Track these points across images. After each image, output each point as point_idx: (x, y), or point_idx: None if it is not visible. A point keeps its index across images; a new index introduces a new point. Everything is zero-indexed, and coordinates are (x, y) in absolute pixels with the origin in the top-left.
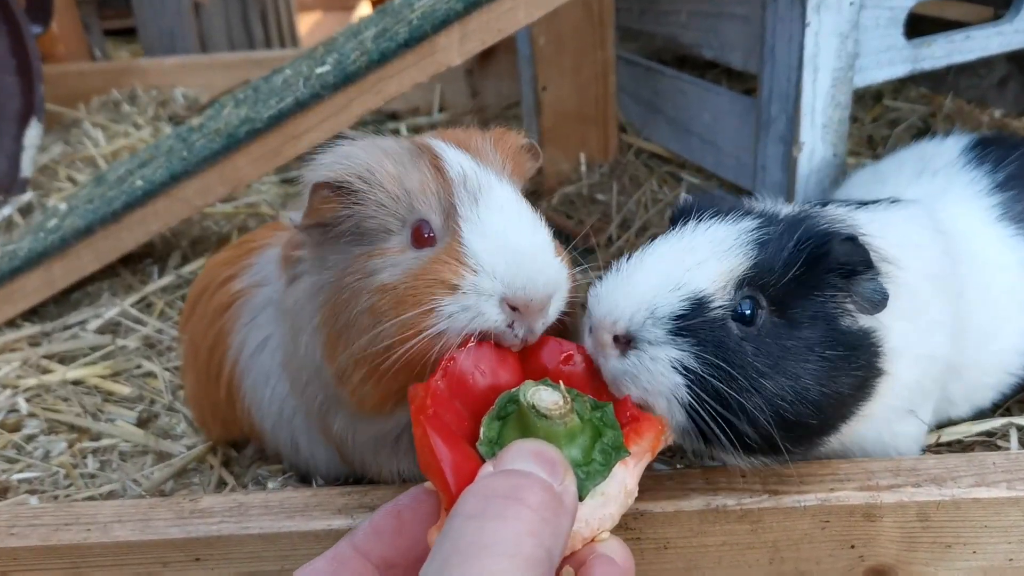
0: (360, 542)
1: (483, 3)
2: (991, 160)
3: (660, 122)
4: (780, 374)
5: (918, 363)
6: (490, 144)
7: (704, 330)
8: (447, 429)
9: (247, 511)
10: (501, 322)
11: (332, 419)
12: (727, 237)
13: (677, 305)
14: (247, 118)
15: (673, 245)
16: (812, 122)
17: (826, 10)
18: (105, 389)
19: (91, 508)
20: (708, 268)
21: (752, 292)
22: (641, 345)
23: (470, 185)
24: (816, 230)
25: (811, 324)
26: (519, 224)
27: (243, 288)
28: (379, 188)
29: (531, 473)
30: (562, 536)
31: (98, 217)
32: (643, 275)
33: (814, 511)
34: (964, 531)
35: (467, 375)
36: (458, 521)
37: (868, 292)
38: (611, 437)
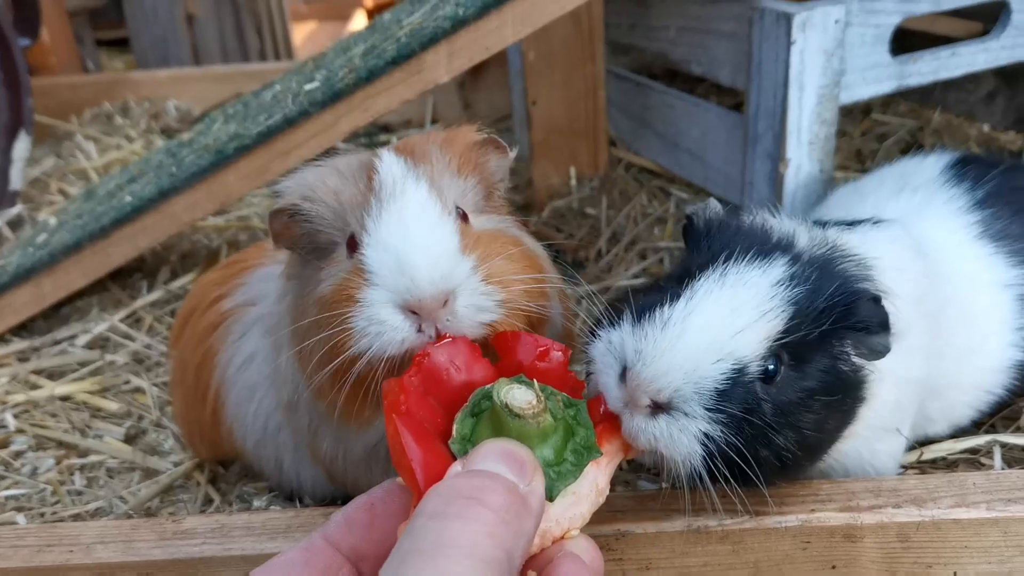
0: (332, 533)
1: (470, 21)
2: (971, 178)
3: (650, 137)
4: (788, 428)
5: (897, 384)
6: (437, 146)
7: (737, 401)
8: (419, 426)
9: (229, 532)
10: (408, 330)
11: (321, 439)
12: (766, 296)
13: (720, 378)
14: (236, 134)
15: (715, 300)
16: (798, 139)
17: (811, 28)
18: (93, 405)
19: (74, 529)
20: (751, 334)
21: (779, 350)
22: (676, 414)
23: (384, 194)
24: (848, 288)
25: (817, 374)
26: (411, 228)
27: (233, 307)
28: (321, 204)
29: (496, 474)
30: (524, 538)
31: (86, 233)
32: (690, 339)
33: (795, 532)
34: (945, 552)
35: (441, 371)
36: (420, 520)
37: (875, 345)
38: (583, 436)
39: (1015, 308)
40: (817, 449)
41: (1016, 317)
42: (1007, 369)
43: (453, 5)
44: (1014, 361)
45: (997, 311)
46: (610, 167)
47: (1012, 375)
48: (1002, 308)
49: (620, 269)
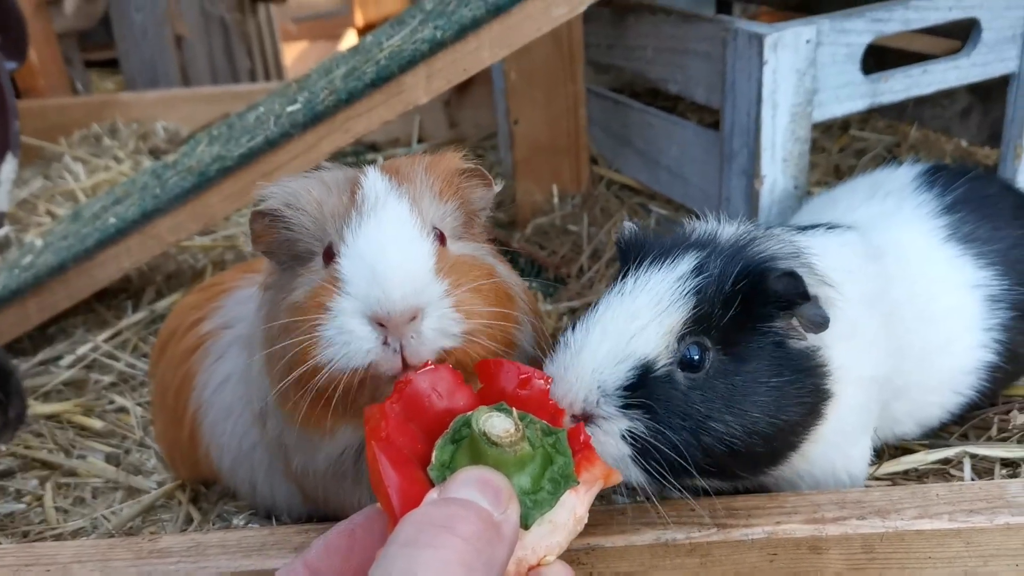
0: (312, 559)
1: (448, 44)
2: (940, 184)
3: (630, 154)
4: (728, 413)
5: (860, 384)
6: (423, 168)
7: (651, 394)
8: (398, 453)
9: (204, 551)
10: (375, 342)
11: (291, 453)
12: (665, 292)
13: (624, 377)
14: (219, 156)
15: (615, 311)
16: (772, 156)
17: (783, 48)
18: (78, 424)
19: (51, 549)
20: (649, 333)
21: (697, 338)
22: (597, 421)
23: (365, 206)
24: (751, 266)
25: (758, 355)
26: (386, 242)
27: (211, 330)
28: (303, 213)
29: (470, 502)
30: (496, 566)
31: (71, 255)
32: (589, 352)
33: (762, 544)
34: (909, 563)
35: (423, 397)
36: (392, 549)
37: (810, 316)
38: (561, 465)
39: (983, 309)
40: (773, 437)
41: (984, 318)
42: (976, 370)
43: (432, 28)
44: (983, 362)
45: (965, 312)
46: (591, 185)
47: (981, 376)
48: (970, 309)
49: (601, 285)
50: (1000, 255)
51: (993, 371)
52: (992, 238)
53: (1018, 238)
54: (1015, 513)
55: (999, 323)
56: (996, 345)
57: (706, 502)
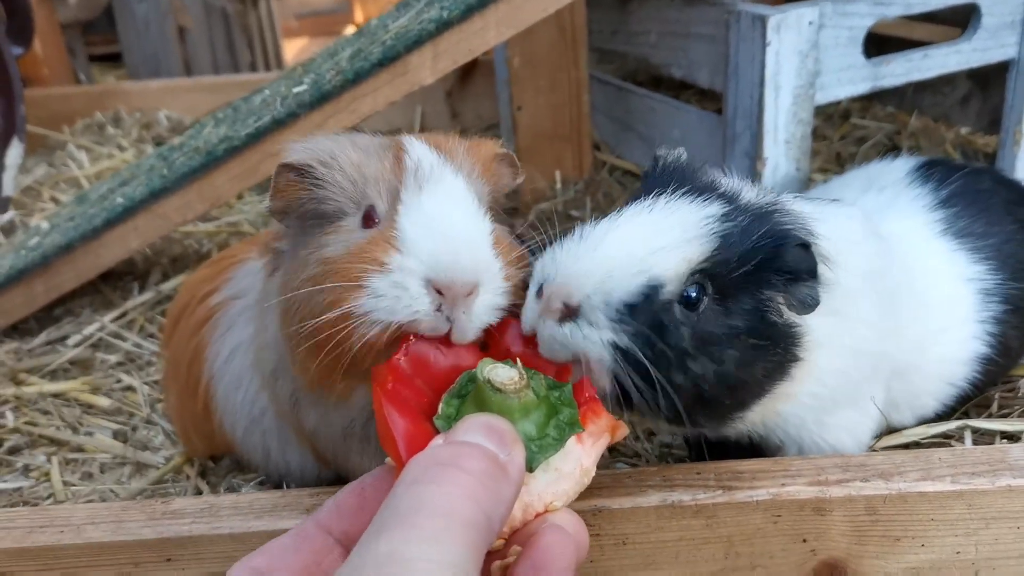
0: (323, 518)
1: (454, 24)
2: (935, 179)
3: (633, 140)
4: (707, 357)
5: (842, 354)
6: (463, 148)
7: (648, 316)
8: (405, 404)
9: (218, 512)
10: (427, 304)
11: (303, 414)
12: (694, 224)
13: (632, 291)
14: (225, 136)
15: (642, 221)
16: (775, 138)
17: (786, 30)
18: (85, 402)
19: (65, 511)
20: (670, 255)
21: (702, 279)
22: (580, 321)
23: (420, 174)
24: (776, 231)
25: (744, 315)
26: (454, 212)
27: (221, 301)
28: (339, 172)
29: (475, 444)
30: (504, 503)
31: (78, 234)
32: (607, 252)
33: (766, 506)
34: (912, 525)
35: (429, 354)
36: (400, 487)
37: (803, 296)
38: (567, 415)
39: (977, 301)
40: (739, 389)
41: (978, 310)
42: (970, 361)
43: (438, 8)
44: (977, 354)
45: (959, 304)
46: (594, 171)
47: (975, 368)
48: (964, 301)
49: None
50: (994, 250)
51: (986, 363)
52: (986, 233)
53: (1011, 233)
54: (1017, 476)
55: (992, 316)
56: (989, 337)
57: (711, 466)
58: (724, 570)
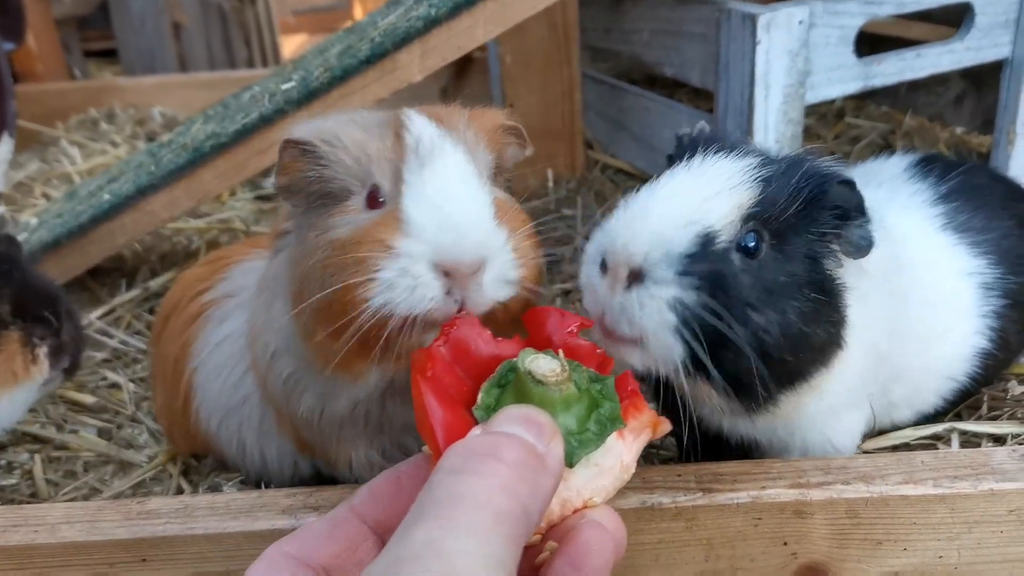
0: (357, 505)
1: (442, 21)
2: (935, 175)
3: (626, 139)
4: (770, 307)
5: (865, 353)
6: (465, 119)
7: (707, 266)
8: (444, 391)
9: (193, 512)
10: (438, 290)
11: (299, 397)
12: (735, 172)
13: (689, 242)
14: (213, 133)
15: (685, 178)
16: (766, 137)
17: (776, 29)
18: (69, 399)
19: (40, 510)
20: (719, 203)
21: (757, 226)
22: (646, 283)
23: (421, 151)
24: (816, 171)
25: (802, 261)
26: (456, 189)
27: (214, 299)
28: (343, 151)
29: (514, 435)
30: (542, 495)
31: (65, 231)
32: (658, 209)
33: (746, 508)
34: (894, 528)
35: (470, 342)
36: (438, 476)
37: (856, 237)
38: (608, 409)
39: (977, 296)
40: (800, 348)
41: (979, 305)
42: (971, 357)
43: (426, 5)
44: (978, 349)
45: (960, 299)
46: (586, 169)
47: (976, 363)
48: (965, 296)
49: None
50: (993, 244)
51: (986, 358)
52: (985, 227)
53: (1009, 228)
54: (1000, 480)
55: (992, 310)
56: (989, 332)
57: (692, 468)
58: (704, 573)
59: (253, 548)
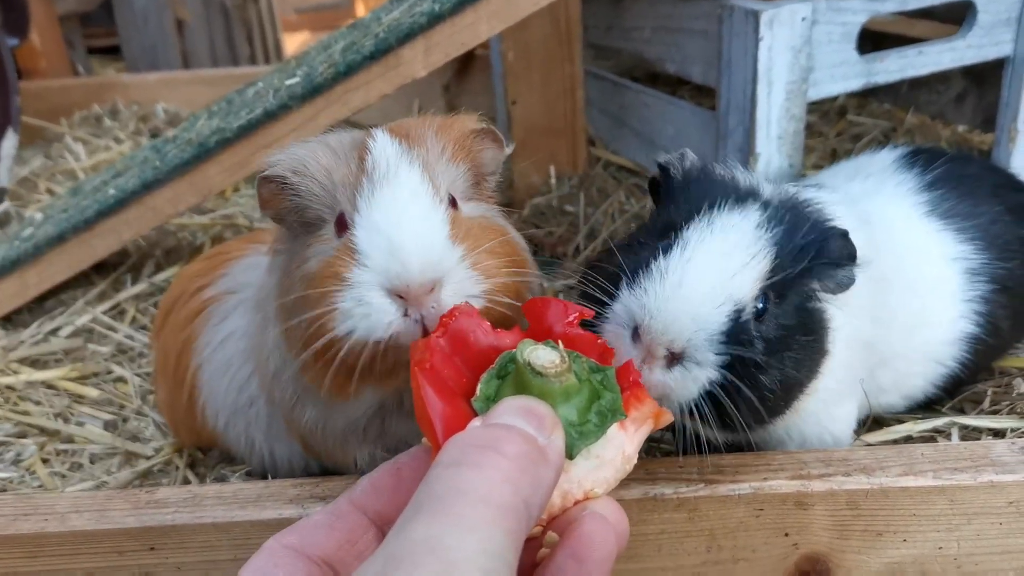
0: (357, 498)
1: (446, 17)
2: (920, 164)
3: (627, 135)
4: (774, 365)
5: (849, 345)
6: (433, 131)
7: (739, 348)
8: (443, 383)
9: (201, 501)
10: (395, 314)
11: (301, 412)
12: (751, 238)
13: (723, 323)
14: (218, 128)
15: (708, 248)
16: (768, 133)
17: (779, 25)
18: (75, 393)
19: (49, 499)
20: (745, 276)
21: (767, 289)
22: (688, 364)
23: (376, 175)
24: (819, 226)
25: (793, 311)
26: (403, 213)
27: (215, 295)
28: (311, 180)
29: (514, 427)
30: (542, 488)
31: (71, 225)
32: (692, 286)
33: (748, 499)
34: (894, 519)
35: (468, 333)
36: (437, 469)
37: (841, 278)
38: (609, 400)
39: (964, 281)
40: (792, 391)
41: (965, 290)
42: (958, 341)
43: (430, 1)
44: (965, 333)
45: (945, 284)
46: (589, 166)
47: (964, 348)
48: (950, 281)
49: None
50: (980, 230)
51: (975, 343)
52: (972, 214)
53: (997, 214)
54: (999, 472)
55: (979, 295)
56: (976, 317)
57: (694, 459)
58: (706, 563)
59: (261, 537)
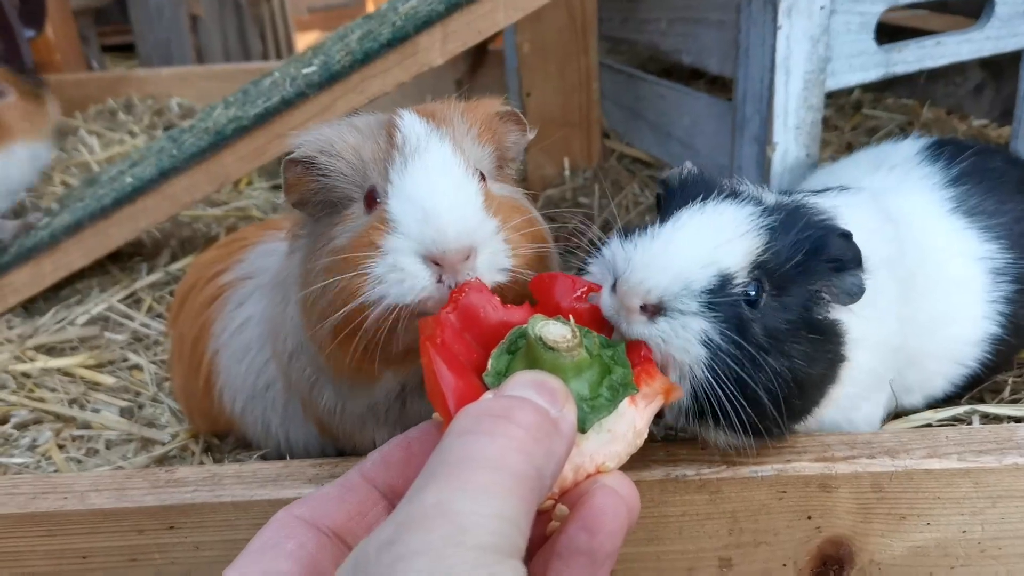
0: (368, 470)
1: (463, 5)
2: (945, 157)
3: (642, 127)
4: (779, 353)
5: (875, 350)
6: (459, 112)
7: (727, 307)
8: (454, 358)
9: (220, 480)
10: (429, 279)
11: (319, 394)
12: (745, 220)
13: (708, 280)
14: (235, 117)
15: (699, 222)
16: (785, 123)
17: (797, 14)
18: (91, 380)
19: (68, 478)
20: (734, 248)
21: (760, 275)
22: (672, 313)
23: (407, 149)
24: (816, 223)
25: (796, 309)
26: (438, 182)
27: (231, 280)
28: (339, 159)
29: (526, 398)
30: (555, 458)
31: (87, 214)
32: (677, 248)
33: (771, 481)
34: (918, 502)
35: (478, 308)
36: (449, 439)
37: (848, 285)
38: (620, 375)
39: (988, 281)
40: (806, 389)
41: (989, 290)
42: (981, 342)
43: None
44: (988, 334)
45: (971, 283)
46: (603, 158)
47: (986, 348)
48: (975, 280)
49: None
50: (1004, 228)
51: (996, 343)
52: (997, 211)
53: (1022, 212)
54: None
55: (1003, 295)
56: (1000, 317)
57: None
58: (728, 546)
59: None
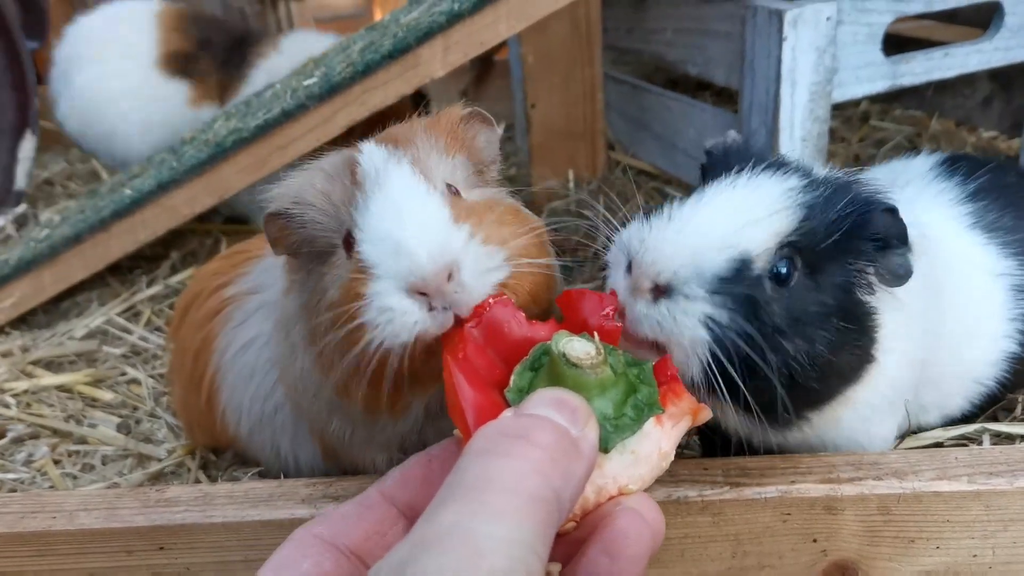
0: (388, 489)
1: (465, 16)
2: (962, 173)
3: (648, 139)
4: (799, 336)
5: (902, 361)
6: (421, 130)
7: (740, 290)
8: (476, 373)
9: (212, 500)
10: (418, 312)
11: (328, 418)
12: (777, 197)
13: (722, 266)
14: (235, 129)
15: (725, 199)
16: (791, 135)
17: (803, 25)
18: (89, 395)
19: (57, 497)
20: (757, 230)
21: (791, 253)
22: (676, 297)
23: (368, 184)
24: (861, 198)
25: (833, 290)
26: (400, 211)
27: (235, 294)
28: (311, 208)
29: (545, 416)
30: (574, 480)
31: (87, 226)
32: (694, 229)
33: (775, 503)
34: (926, 525)
35: (503, 323)
36: (467, 458)
37: (895, 265)
38: (646, 394)
39: (1008, 298)
40: (828, 375)
41: (1010, 307)
42: (999, 361)
43: (449, 1)
44: (1007, 353)
45: (990, 300)
46: (608, 170)
47: (1004, 367)
48: (995, 297)
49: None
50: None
51: (1016, 362)
52: (1015, 227)
53: None
54: None
55: (1023, 313)
56: (1020, 336)
57: (719, 462)
58: (731, 569)
59: (272, 537)
